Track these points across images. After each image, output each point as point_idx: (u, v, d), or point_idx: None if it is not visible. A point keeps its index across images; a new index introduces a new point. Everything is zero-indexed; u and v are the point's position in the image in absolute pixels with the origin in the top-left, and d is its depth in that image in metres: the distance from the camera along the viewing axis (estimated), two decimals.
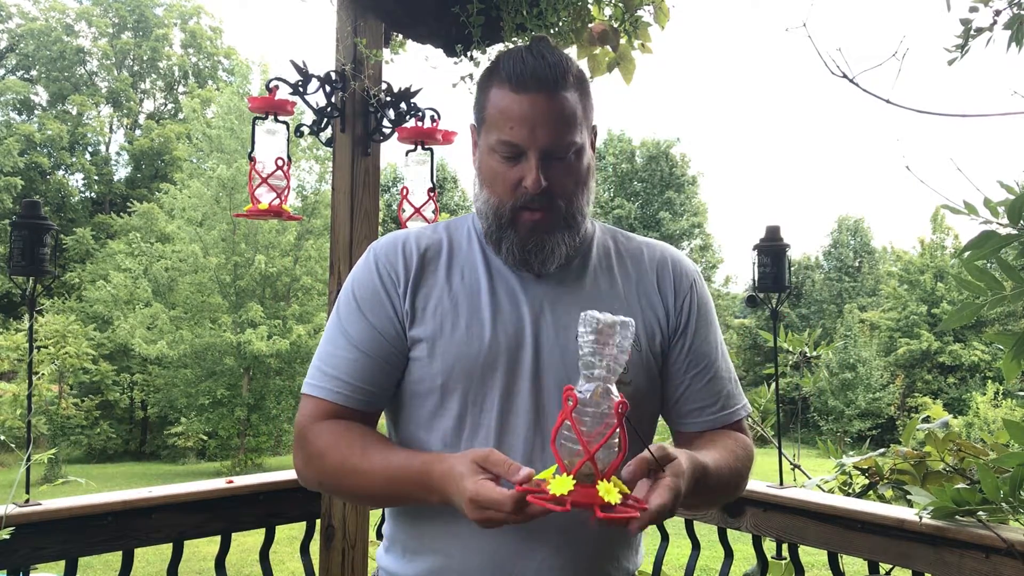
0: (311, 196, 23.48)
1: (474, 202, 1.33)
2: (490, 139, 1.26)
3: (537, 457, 1.23)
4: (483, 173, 1.29)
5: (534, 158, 1.22)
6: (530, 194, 1.23)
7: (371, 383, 1.28)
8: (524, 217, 1.25)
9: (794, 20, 1.76)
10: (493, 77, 1.27)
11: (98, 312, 23.66)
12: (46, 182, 31.23)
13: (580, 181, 1.27)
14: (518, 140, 1.22)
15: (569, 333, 1.26)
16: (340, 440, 1.24)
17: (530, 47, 1.26)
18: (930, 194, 1.89)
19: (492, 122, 1.25)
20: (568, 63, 1.26)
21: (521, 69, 1.22)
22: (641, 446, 1.08)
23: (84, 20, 34.27)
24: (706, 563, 2.52)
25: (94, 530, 1.96)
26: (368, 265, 1.33)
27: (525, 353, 1.25)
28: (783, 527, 2.13)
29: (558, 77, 1.22)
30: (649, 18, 2.29)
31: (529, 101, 1.21)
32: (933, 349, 29.26)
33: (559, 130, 1.22)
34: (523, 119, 1.21)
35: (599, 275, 1.34)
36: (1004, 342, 1.64)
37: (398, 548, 1.32)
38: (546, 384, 1.25)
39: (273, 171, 2.14)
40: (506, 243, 1.27)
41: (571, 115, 1.24)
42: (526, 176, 1.22)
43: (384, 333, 1.28)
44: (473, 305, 1.28)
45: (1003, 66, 1.90)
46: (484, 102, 1.28)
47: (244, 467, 20.51)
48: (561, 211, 1.26)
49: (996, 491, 1.68)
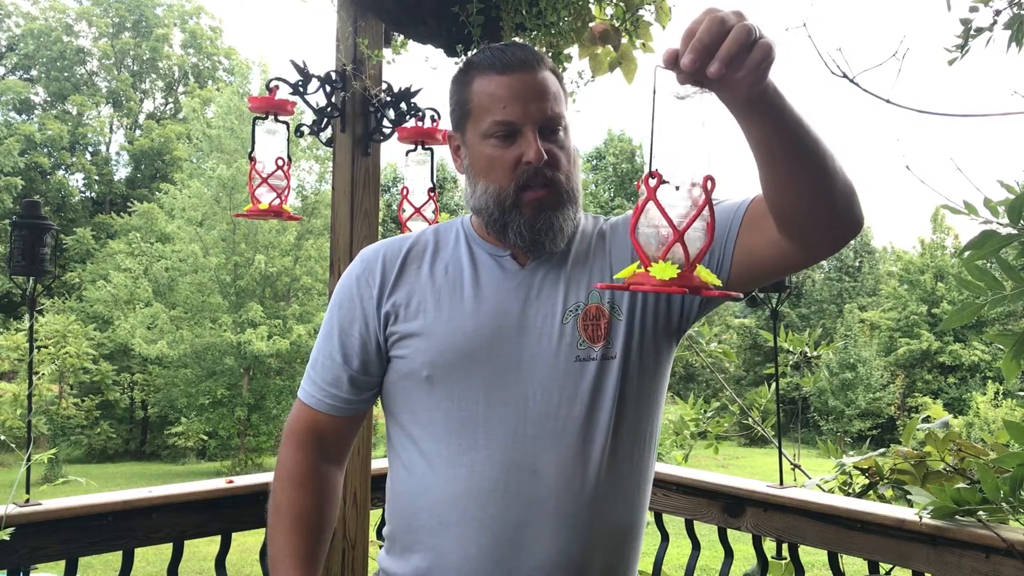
0: (311, 196, 23.48)
1: (467, 201, 1.33)
2: (481, 127, 1.26)
3: (526, 446, 1.22)
4: (477, 165, 1.29)
5: (531, 132, 1.23)
6: (533, 167, 1.23)
7: (351, 392, 1.35)
8: (528, 196, 1.25)
9: (794, 20, 1.76)
10: (471, 71, 1.29)
11: (98, 312, 23.66)
12: (46, 182, 31.23)
13: (572, 159, 1.29)
14: (513, 117, 1.23)
15: (554, 320, 1.26)
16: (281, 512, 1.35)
17: (498, 44, 1.31)
18: (930, 194, 1.89)
19: (481, 109, 1.26)
20: (542, 53, 1.31)
21: (500, 56, 1.26)
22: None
23: (84, 20, 34.27)
24: (706, 563, 2.52)
25: (94, 530, 1.96)
26: (349, 273, 1.37)
27: (510, 343, 1.25)
28: (783, 527, 2.13)
29: (536, 59, 1.27)
30: (650, 17, 2.29)
31: (517, 79, 1.24)
32: (933, 349, 29.26)
33: (549, 103, 1.25)
34: (514, 97, 1.24)
35: (579, 258, 1.33)
36: (1004, 342, 1.64)
37: (393, 546, 1.33)
38: (532, 373, 1.24)
39: (273, 171, 2.14)
40: (513, 226, 1.26)
41: (556, 91, 1.28)
42: (526, 151, 1.23)
43: (361, 339, 1.33)
44: (456, 298, 1.28)
45: (1003, 66, 1.90)
46: (467, 95, 1.29)
47: (244, 467, 20.52)
48: (562, 185, 1.27)
49: (996, 491, 1.68)
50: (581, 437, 1.24)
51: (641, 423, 1.30)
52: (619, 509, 1.28)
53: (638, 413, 1.29)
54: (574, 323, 1.26)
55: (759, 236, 1.19)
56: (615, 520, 1.27)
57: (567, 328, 1.26)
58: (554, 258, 1.31)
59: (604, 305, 1.28)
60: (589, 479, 1.23)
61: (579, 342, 1.26)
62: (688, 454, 3.31)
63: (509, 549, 1.22)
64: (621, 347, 1.27)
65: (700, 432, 3.34)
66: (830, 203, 1.09)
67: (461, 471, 1.24)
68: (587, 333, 1.26)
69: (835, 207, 1.10)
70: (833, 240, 1.15)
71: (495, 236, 1.30)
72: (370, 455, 2.31)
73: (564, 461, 1.23)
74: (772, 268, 1.23)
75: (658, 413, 1.35)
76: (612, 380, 1.26)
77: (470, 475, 1.23)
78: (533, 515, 1.22)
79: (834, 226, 1.12)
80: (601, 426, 1.25)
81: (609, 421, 1.25)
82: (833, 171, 1.07)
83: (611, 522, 1.27)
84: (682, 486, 2.35)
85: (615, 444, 1.26)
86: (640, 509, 1.33)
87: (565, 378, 1.25)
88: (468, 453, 1.23)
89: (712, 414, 3.33)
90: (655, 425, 1.34)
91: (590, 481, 1.23)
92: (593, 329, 1.27)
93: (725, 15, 0.88)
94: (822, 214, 1.10)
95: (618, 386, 1.26)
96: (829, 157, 1.06)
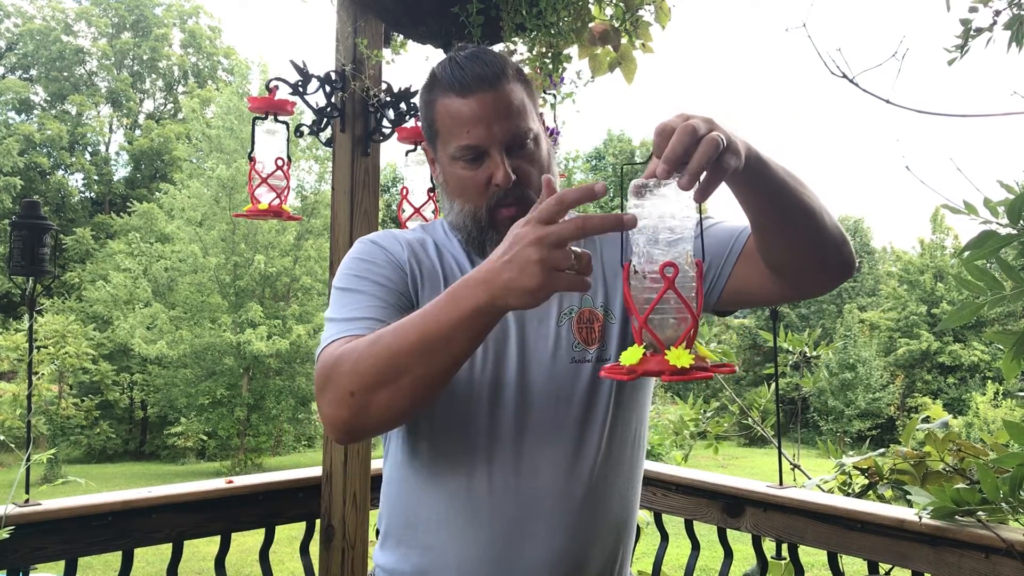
0: (311, 196, 23.47)
1: (446, 218, 1.33)
2: (449, 149, 1.25)
3: (525, 446, 1.24)
4: (450, 185, 1.29)
5: (497, 154, 1.22)
6: (502, 190, 1.23)
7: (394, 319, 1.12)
8: (502, 215, 1.25)
9: (794, 20, 1.76)
10: (434, 90, 1.26)
11: (98, 312, 23.66)
12: (46, 182, 31.24)
13: (544, 169, 1.28)
14: (477, 141, 1.22)
15: (549, 322, 1.28)
16: (359, 341, 1.10)
17: (461, 54, 1.26)
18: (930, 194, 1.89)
19: (447, 132, 1.25)
20: (504, 59, 1.27)
21: (460, 74, 1.23)
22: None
23: (83, 20, 34.26)
24: (706, 563, 2.52)
25: (94, 530, 1.96)
26: (365, 245, 1.30)
27: (510, 344, 1.26)
28: (783, 527, 2.13)
29: (498, 72, 1.23)
30: (650, 18, 2.29)
31: (478, 101, 1.22)
32: (933, 349, 29.25)
33: (513, 121, 1.23)
34: (476, 119, 1.22)
35: None
36: (1004, 342, 1.64)
37: (391, 542, 1.33)
38: (531, 374, 1.26)
39: (273, 171, 2.14)
40: (491, 244, 1.26)
41: (520, 105, 1.25)
42: (494, 173, 1.23)
43: (400, 289, 1.24)
44: None
45: (1003, 66, 1.90)
46: (432, 116, 1.27)
47: (244, 467, 20.51)
48: (534, 201, 1.26)
49: (996, 491, 1.68)
50: (578, 437, 1.26)
51: (632, 422, 1.33)
52: (614, 506, 1.30)
53: (630, 413, 1.32)
54: (569, 326, 1.28)
55: (753, 269, 1.22)
56: (610, 516, 1.30)
57: (562, 330, 1.28)
58: None
59: (597, 309, 1.30)
60: (586, 477, 1.26)
61: (574, 344, 1.28)
62: (688, 454, 3.32)
63: (508, 546, 1.23)
64: (615, 350, 1.28)
65: (700, 432, 3.35)
66: (820, 254, 1.14)
67: (460, 470, 1.24)
68: (581, 336, 1.28)
69: (825, 257, 1.15)
70: (824, 283, 1.21)
71: (476, 252, 1.31)
72: (370, 455, 2.31)
73: (562, 460, 1.25)
74: (762, 300, 1.28)
75: (647, 412, 1.39)
76: (607, 382, 1.28)
77: (470, 474, 1.24)
78: (532, 513, 1.23)
79: (825, 273, 1.18)
80: (596, 426, 1.27)
81: (604, 421, 1.27)
82: (821, 225, 1.12)
83: (607, 519, 1.29)
84: (682, 486, 2.35)
85: (610, 443, 1.28)
86: (633, 505, 1.36)
87: (563, 379, 1.26)
88: (468, 453, 1.24)
89: (712, 414, 3.34)
90: (645, 423, 1.38)
91: (587, 479, 1.26)
92: (587, 332, 1.28)
93: (696, 125, 0.90)
94: (812, 264, 1.16)
95: (612, 388, 1.28)
96: (817, 212, 1.11)
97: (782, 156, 1.09)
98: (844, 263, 1.17)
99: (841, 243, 1.15)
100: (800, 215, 1.09)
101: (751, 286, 1.24)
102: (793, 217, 1.09)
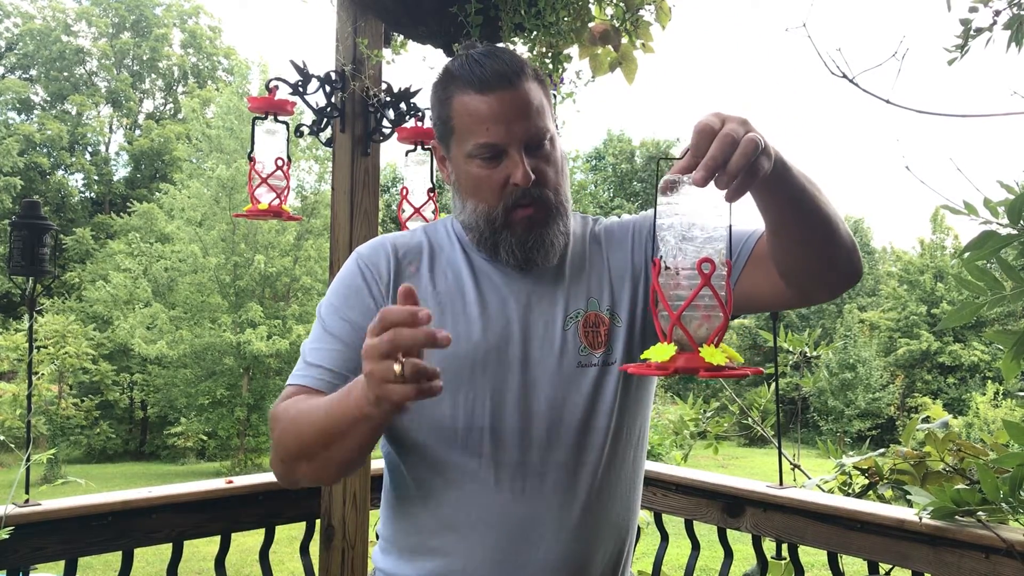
0: (311, 196, 23.47)
1: (456, 215, 1.32)
2: (465, 147, 1.24)
3: (531, 450, 1.23)
4: (464, 184, 1.27)
5: (516, 153, 1.21)
6: (521, 189, 1.22)
7: (352, 371, 1.19)
8: (518, 215, 1.24)
9: (794, 20, 1.76)
10: (451, 87, 1.25)
11: (98, 312, 23.65)
12: (46, 182, 31.22)
13: (560, 170, 1.27)
14: (497, 139, 1.21)
15: (555, 327, 1.27)
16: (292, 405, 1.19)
17: (478, 51, 1.25)
18: (930, 194, 1.89)
19: (464, 129, 1.23)
20: (522, 59, 1.26)
21: (480, 71, 1.21)
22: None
23: (84, 20, 34.26)
24: (706, 563, 2.52)
25: (94, 530, 1.96)
26: (350, 267, 1.32)
27: (513, 348, 1.26)
28: (783, 527, 2.13)
29: (517, 70, 1.22)
30: (650, 17, 2.29)
31: (497, 99, 1.20)
32: (933, 349, 29.25)
33: (532, 120, 1.22)
34: (496, 117, 1.20)
35: (575, 264, 1.33)
36: (1004, 342, 1.64)
37: (395, 549, 1.32)
38: (537, 378, 1.25)
39: (273, 171, 2.13)
40: (504, 245, 1.26)
41: (539, 104, 1.24)
42: (513, 173, 1.22)
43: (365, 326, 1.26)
44: (459, 305, 1.27)
45: (1003, 66, 1.90)
46: (448, 113, 1.25)
47: (244, 467, 20.51)
48: (551, 201, 1.26)
49: (996, 491, 1.68)
50: (583, 440, 1.26)
51: (636, 424, 1.33)
52: (618, 507, 1.31)
53: (634, 416, 1.32)
54: (575, 330, 1.28)
55: (762, 274, 1.23)
56: (613, 518, 1.30)
57: (568, 334, 1.28)
58: (552, 263, 1.31)
59: (603, 312, 1.30)
60: (590, 480, 1.26)
61: (580, 348, 1.27)
62: (688, 454, 3.31)
63: (515, 550, 1.23)
64: (621, 353, 1.28)
65: (700, 432, 3.34)
66: (832, 261, 1.17)
67: (467, 476, 1.24)
68: (588, 339, 1.28)
69: (836, 265, 1.17)
70: (832, 290, 1.23)
71: (487, 253, 1.30)
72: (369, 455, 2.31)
73: (567, 464, 1.25)
74: (768, 305, 1.30)
75: (649, 413, 1.39)
76: (612, 385, 1.28)
77: (476, 479, 1.24)
78: (538, 517, 1.23)
79: (834, 279, 1.20)
80: (601, 429, 1.27)
81: (608, 425, 1.27)
82: (836, 232, 1.14)
83: (611, 520, 1.30)
84: (682, 486, 2.35)
85: (614, 446, 1.28)
86: (635, 505, 1.37)
87: (569, 383, 1.26)
88: (474, 458, 1.24)
89: (712, 414, 3.33)
90: (647, 425, 1.38)
91: (591, 482, 1.26)
92: (593, 336, 1.28)
93: (734, 132, 0.92)
94: (824, 270, 1.18)
95: (617, 391, 1.28)
96: (833, 219, 1.13)
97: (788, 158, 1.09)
98: (853, 272, 1.19)
99: (852, 251, 1.17)
100: (817, 222, 1.11)
101: (759, 290, 1.24)
102: (811, 223, 1.11)
